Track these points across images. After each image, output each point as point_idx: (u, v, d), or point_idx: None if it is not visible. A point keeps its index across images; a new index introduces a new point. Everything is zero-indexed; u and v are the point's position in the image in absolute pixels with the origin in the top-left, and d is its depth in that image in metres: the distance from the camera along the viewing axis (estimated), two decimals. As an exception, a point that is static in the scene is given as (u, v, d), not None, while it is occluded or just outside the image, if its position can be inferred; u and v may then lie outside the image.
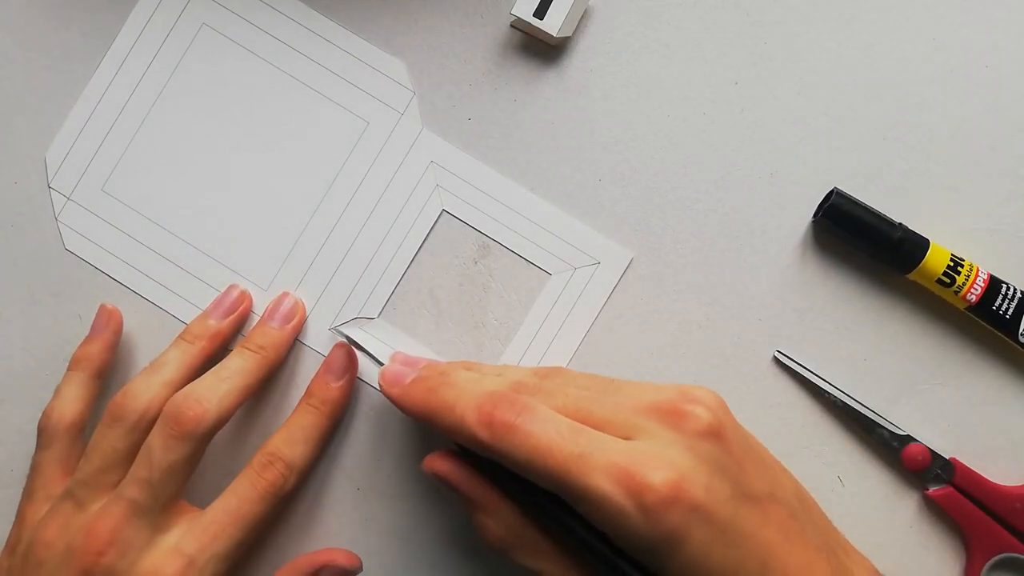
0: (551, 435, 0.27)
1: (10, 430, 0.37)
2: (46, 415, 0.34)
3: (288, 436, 0.33)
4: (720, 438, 0.27)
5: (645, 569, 0.27)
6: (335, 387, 0.35)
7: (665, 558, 0.26)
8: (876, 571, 0.31)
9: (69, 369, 0.35)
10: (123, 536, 0.30)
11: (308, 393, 0.35)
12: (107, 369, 0.36)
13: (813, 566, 0.27)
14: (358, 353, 0.35)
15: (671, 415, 0.27)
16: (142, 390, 0.33)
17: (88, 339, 0.36)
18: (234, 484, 0.32)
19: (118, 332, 0.36)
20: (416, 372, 0.31)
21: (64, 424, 0.33)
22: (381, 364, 0.33)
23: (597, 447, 0.26)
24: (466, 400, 0.28)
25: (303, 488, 0.36)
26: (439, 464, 0.31)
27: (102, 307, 0.36)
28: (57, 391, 0.34)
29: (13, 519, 0.33)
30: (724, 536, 0.26)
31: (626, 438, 0.27)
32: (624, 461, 0.26)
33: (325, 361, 0.35)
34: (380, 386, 0.32)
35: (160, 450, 0.31)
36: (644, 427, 0.27)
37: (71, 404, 0.34)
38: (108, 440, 0.32)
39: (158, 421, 0.31)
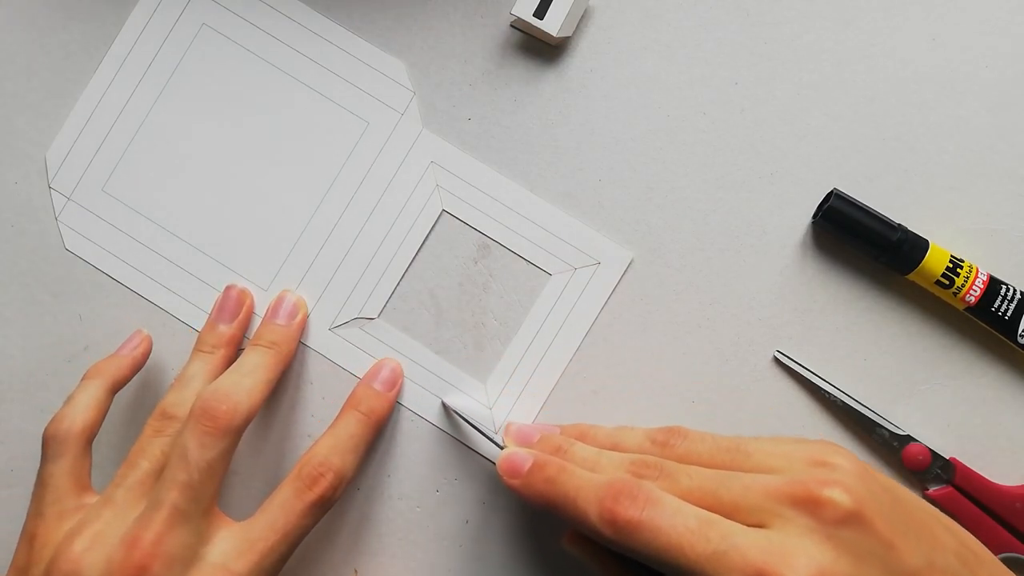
0: (680, 531, 0.26)
1: (10, 430, 0.37)
2: (56, 421, 0.31)
3: (337, 445, 0.32)
4: (863, 521, 0.25)
5: None
6: (385, 396, 0.35)
7: None
8: None
9: (85, 378, 0.33)
10: (167, 547, 0.28)
11: (355, 400, 0.34)
12: (122, 386, 0.34)
13: None
14: (470, 428, 0.35)
15: (806, 502, 0.25)
16: (178, 402, 0.32)
17: (112, 355, 0.35)
18: (280, 497, 0.31)
19: (146, 354, 0.35)
20: (532, 456, 0.30)
21: (76, 431, 0.31)
22: (500, 446, 0.32)
23: (730, 544, 0.25)
24: (586, 493, 0.28)
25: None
26: (574, 545, 0.32)
27: (137, 331, 0.36)
28: (70, 398, 0.32)
29: (12, 521, 0.33)
30: None
31: (759, 526, 0.26)
32: (760, 560, 0.24)
33: (372, 370, 0.35)
34: (499, 475, 0.31)
35: (197, 448, 0.29)
36: (778, 513, 0.26)
37: (84, 411, 0.32)
38: (155, 445, 0.31)
39: (188, 422, 0.30)
